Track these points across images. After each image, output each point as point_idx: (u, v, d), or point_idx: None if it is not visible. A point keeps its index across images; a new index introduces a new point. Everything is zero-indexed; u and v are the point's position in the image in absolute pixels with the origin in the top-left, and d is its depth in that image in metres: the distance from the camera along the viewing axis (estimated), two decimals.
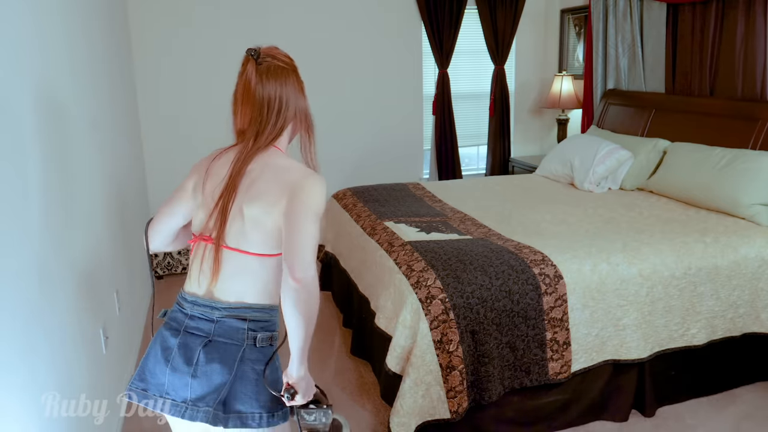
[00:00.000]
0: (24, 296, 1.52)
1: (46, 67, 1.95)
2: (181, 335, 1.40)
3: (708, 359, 2.60)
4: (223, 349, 1.37)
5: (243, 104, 1.41)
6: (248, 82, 1.39)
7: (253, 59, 1.41)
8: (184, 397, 1.37)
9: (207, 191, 1.42)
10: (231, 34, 4.48)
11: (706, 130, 3.44)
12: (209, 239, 1.38)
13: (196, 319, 1.40)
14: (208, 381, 1.35)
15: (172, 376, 1.38)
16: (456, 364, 2.18)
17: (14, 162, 1.54)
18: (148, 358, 1.43)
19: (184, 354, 1.38)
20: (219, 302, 1.38)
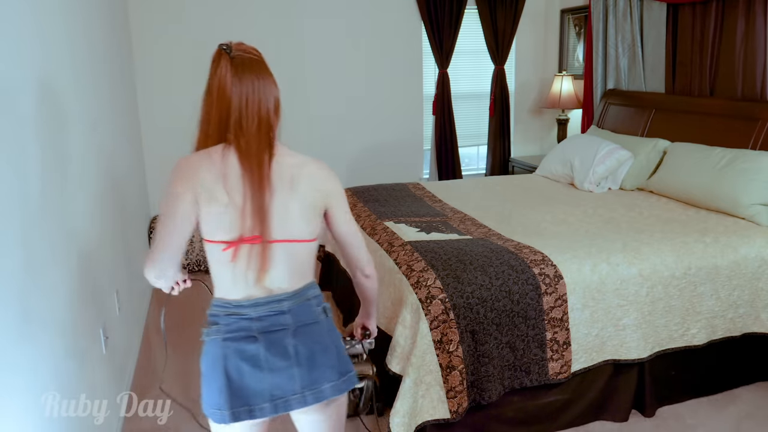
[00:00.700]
0: (24, 296, 1.52)
1: (47, 67, 1.95)
2: (260, 339, 1.40)
3: (708, 359, 2.60)
4: (309, 330, 1.44)
5: (220, 101, 1.37)
6: (224, 78, 1.36)
7: (227, 54, 1.38)
8: (293, 389, 1.41)
9: (233, 191, 1.35)
10: (231, 34, 4.47)
11: (706, 130, 3.44)
12: (256, 239, 1.35)
13: (265, 318, 1.41)
14: (312, 363, 1.43)
15: (273, 377, 1.40)
16: (456, 364, 2.18)
17: (14, 161, 1.54)
18: (228, 378, 1.39)
19: (276, 353, 1.40)
20: (283, 293, 1.42)
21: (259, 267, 1.37)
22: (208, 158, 1.38)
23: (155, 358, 3.20)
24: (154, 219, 4.40)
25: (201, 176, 1.37)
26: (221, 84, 1.36)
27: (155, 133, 4.46)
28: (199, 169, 1.38)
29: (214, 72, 1.39)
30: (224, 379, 1.39)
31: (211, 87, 1.38)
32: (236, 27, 4.48)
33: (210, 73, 1.40)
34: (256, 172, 1.35)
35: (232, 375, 1.39)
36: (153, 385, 2.90)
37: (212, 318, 1.45)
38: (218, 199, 1.35)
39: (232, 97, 1.36)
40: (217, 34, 4.43)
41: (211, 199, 1.36)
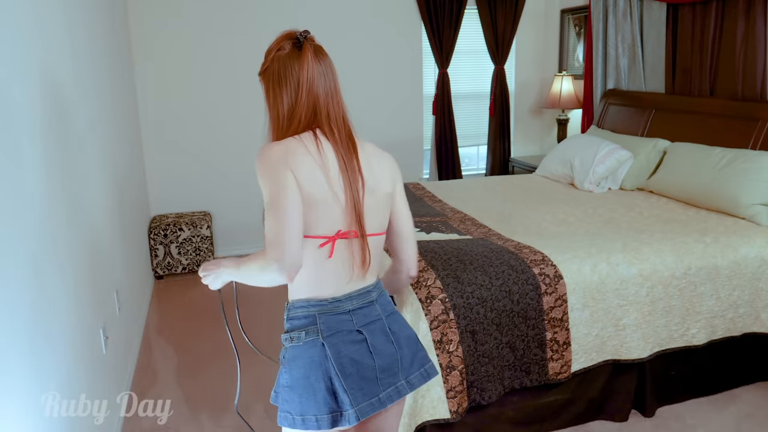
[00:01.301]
0: (24, 296, 1.52)
1: (48, 67, 1.95)
2: (363, 332, 1.39)
3: (708, 359, 2.61)
4: (396, 319, 1.48)
5: (310, 93, 1.34)
6: (312, 70, 1.33)
7: (306, 42, 1.35)
8: (403, 374, 1.42)
9: (335, 184, 1.32)
10: (230, 34, 4.48)
11: (706, 130, 3.44)
12: (353, 233, 1.35)
13: (359, 311, 1.41)
14: (410, 345, 1.46)
15: (385, 364, 1.39)
16: (456, 364, 2.18)
17: (14, 161, 1.54)
18: (343, 375, 1.34)
19: (382, 341, 1.41)
20: (369, 285, 1.44)
21: (362, 262, 1.38)
22: (303, 146, 1.32)
23: (155, 358, 3.21)
24: (154, 219, 4.41)
25: (300, 161, 1.30)
26: (311, 75, 1.33)
27: (155, 133, 4.46)
28: (297, 155, 1.30)
29: (296, 63, 1.33)
30: (338, 379, 1.33)
31: (298, 79, 1.33)
32: (235, 25, 4.48)
33: (285, 64, 1.33)
34: (353, 167, 1.35)
35: (347, 370, 1.34)
36: (153, 385, 2.91)
37: (302, 320, 1.38)
38: (319, 188, 1.30)
39: (319, 90, 1.35)
40: (216, 34, 4.45)
41: (313, 187, 1.29)
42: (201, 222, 4.29)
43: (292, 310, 1.40)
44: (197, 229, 4.26)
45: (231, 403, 2.70)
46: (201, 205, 4.65)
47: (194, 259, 4.30)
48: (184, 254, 4.26)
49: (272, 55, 1.36)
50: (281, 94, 1.34)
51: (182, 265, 4.29)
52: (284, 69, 1.33)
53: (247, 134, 4.62)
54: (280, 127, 1.36)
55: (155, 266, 4.25)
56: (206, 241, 4.30)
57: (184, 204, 4.61)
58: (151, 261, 4.23)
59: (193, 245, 4.27)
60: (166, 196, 4.57)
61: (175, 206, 4.60)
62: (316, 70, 1.34)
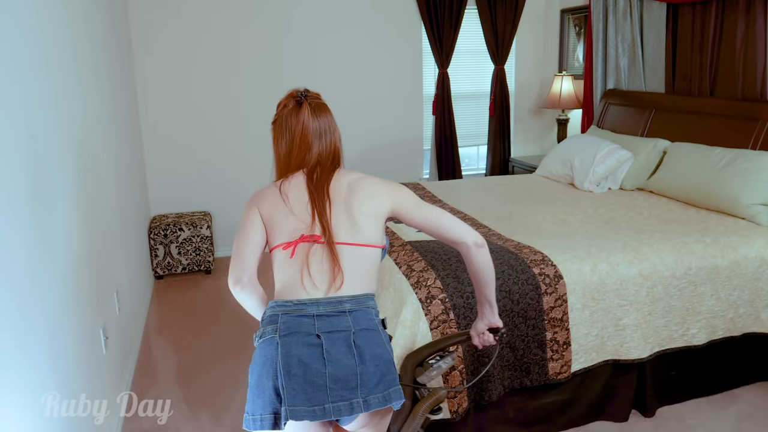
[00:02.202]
0: (24, 296, 1.52)
1: (48, 67, 1.95)
2: (322, 338, 1.39)
3: (708, 359, 2.60)
4: (369, 336, 1.44)
5: (303, 143, 1.60)
6: (307, 124, 1.59)
7: (307, 102, 1.61)
8: (359, 391, 1.37)
9: (296, 207, 1.54)
10: (230, 33, 4.48)
11: (706, 130, 3.44)
12: (315, 238, 1.49)
13: (324, 318, 1.42)
14: (379, 365, 1.41)
15: (338, 374, 1.36)
16: (456, 364, 2.18)
17: (14, 162, 1.54)
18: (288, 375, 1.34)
19: (339, 351, 1.38)
20: (344, 295, 1.47)
21: (332, 266, 1.47)
22: (274, 186, 1.61)
23: (155, 358, 3.21)
24: (154, 219, 4.41)
25: (268, 197, 1.59)
26: (305, 130, 1.59)
27: (155, 133, 4.46)
28: (268, 194, 1.60)
29: (294, 119, 1.59)
30: (281, 377, 1.34)
31: (293, 130, 1.60)
32: (235, 25, 4.48)
33: (284, 117, 1.61)
34: (321, 191, 1.55)
35: (292, 369, 1.34)
36: (153, 385, 2.91)
37: (268, 319, 1.46)
38: (280, 212, 1.55)
39: (313, 141, 1.60)
40: (216, 34, 4.45)
41: (275, 209, 1.56)
42: (201, 222, 4.29)
43: (266, 310, 1.50)
44: (197, 229, 4.26)
45: (231, 403, 2.70)
46: (201, 205, 4.65)
47: (194, 259, 4.30)
48: (184, 254, 4.26)
49: (280, 109, 1.64)
50: (282, 142, 1.62)
51: (182, 265, 4.29)
52: (286, 122, 1.61)
53: (247, 134, 4.62)
54: (280, 168, 1.64)
55: (155, 266, 4.25)
56: (206, 241, 4.30)
57: (184, 204, 4.61)
58: (151, 261, 4.23)
59: (193, 245, 4.27)
60: (166, 196, 4.57)
61: (175, 206, 4.60)
62: (312, 126, 1.60)
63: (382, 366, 1.42)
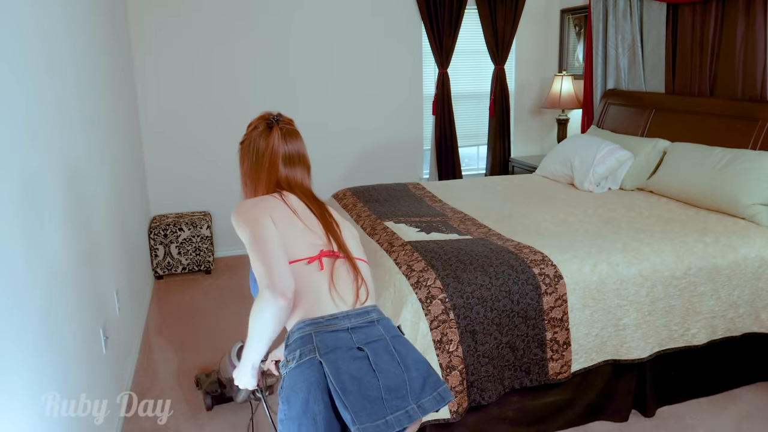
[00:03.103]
0: (24, 296, 1.52)
1: (47, 68, 1.95)
2: (365, 348, 1.35)
3: (708, 359, 2.60)
4: (402, 341, 1.44)
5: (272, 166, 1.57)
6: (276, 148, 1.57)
7: (278, 126, 1.58)
8: (411, 397, 1.34)
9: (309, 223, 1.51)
10: (231, 34, 4.48)
11: (706, 130, 3.44)
12: (335, 254, 1.48)
13: (358, 330, 1.39)
14: (419, 369, 1.40)
15: (389, 382, 1.32)
16: (456, 364, 2.18)
17: (13, 162, 1.54)
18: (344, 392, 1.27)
19: (386, 360, 1.35)
20: (367, 306, 1.47)
21: (355, 279, 1.47)
22: (272, 197, 1.53)
23: (155, 358, 3.21)
24: (154, 219, 4.41)
25: (273, 205, 1.50)
26: (274, 153, 1.56)
27: (155, 132, 4.46)
28: (270, 202, 1.51)
29: (265, 141, 1.57)
30: (338, 396, 1.27)
31: (262, 153, 1.57)
32: (235, 26, 4.48)
33: (253, 138, 1.59)
34: (325, 212, 1.55)
35: (347, 387, 1.27)
36: (153, 385, 2.91)
37: (299, 341, 1.35)
38: (294, 224, 1.48)
39: (281, 164, 1.57)
40: (215, 34, 4.45)
41: (288, 222, 1.47)
42: (201, 222, 4.29)
43: (290, 336, 1.40)
44: (197, 229, 4.26)
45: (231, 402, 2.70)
46: (201, 205, 4.65)
47: (194, 259, 4.30)
48: (184, 254, 4.26)
49: (250, 130, 1.61)
50: (248, 163, 1.60)
51: (182, 265, 4.29)
52: (255, 144, 1.59)
53: None
54: (249, 191, 1.61)
55: (155, 266, 4.25)
56: (206, 241, 4.30)
57: (184, 204, 4.61)
58: (151, 261, 4.23)
59: (193, 245, 4.27)
60: (166, 196, 4.57)
61: (175, 206, 4.60)
62: (281, 149, 1.57)
63: (422, 369, 1.40)
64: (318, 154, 4.90)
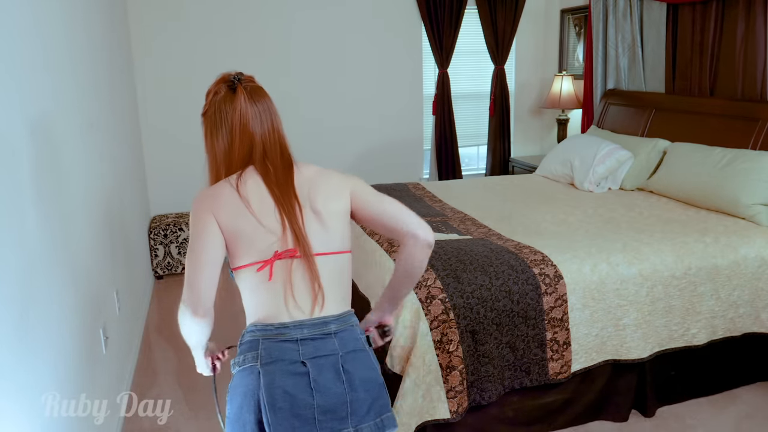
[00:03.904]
0: (24, 296, 1.52)
1: (46, 69, 1.95)
2: (308, 364, 1.27)
3: (708, 359, 2.60)
4: (357, 358, 1.33)
5: (243, 134, 1.36)
6: (245, 112, 1.35)
7: (242, 86, 1.36)
8: (345, 418, 1.27)
9: (262, 215, 1.31)
10: (230, 34, 4.48)
11: (706, 130, 3.44)
12: (291, 252, 1.29)
13: (308, 342, 1.29)
14: (369, 390, 1.32)
15: (326, 402, 1.25)
16: (456, 364, 2.18)
17: (13, 162, 1.54)
18: (272, 408, 1.23)
19: (327, 379, 1.27)
20: (328, 315, 1.32)
21: (312, 284, 1.30)
22: (228, 185, 1.34)
23: (155, 358, 3.20)
24: (154, 219, 4.41)
25: (224, 201, 1.31)
26: (243, 118, 1.35)
27: (155, 132, 4.46)
28: (223, 197, 1.32)
29: (230, 106, 1.35)
30: (265, 412, 1.23)
31: (231, 122, 1.35)
32: (236, 27, 4.48)
33: (220, 108, 1.36)
34: (288, 192, 1.32)
35: (277, 404, 1.23)
36: (153, 385, 2.90)
37: (247, 344, 1.31)
38: (245, 223, 1.30)
39: (254, 130, 1.35)
40: (215, 34, 4.45)
41: (238, 223, 1.29)
42: None
43: (243, 335, 1.35)
44: None
45: None
46: None
47: None
48: (184, 254, 4.26)
49: (210, 98, 1.38)
50: (217, 136, 1.37)
51: (182, 265, 4.29)
52: (219, 112, 1.36)
53: None
54: (217, 168, 1.40)
55: (155, 266, 4.25)
56: None
57: (184, 204, 4.61)
58: (151, 261, 4.23)
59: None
60: (166, 196, 4.56)
61: (175, 206, 4.60)
62: (250, 112, 1.35)
63: (372, 391, 1.32)
64: (318, 153, 4.91)
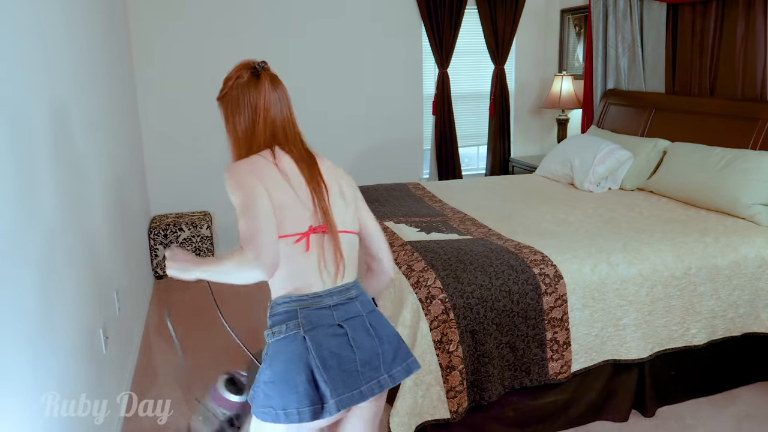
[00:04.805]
0: (24, 296, 1.52)
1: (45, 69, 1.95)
2: (344, 326, 1.44)
3: (708, 359, 2.61)
4: (377, 316, 1.53)
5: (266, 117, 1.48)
6: (269, 96, 1.48)
7: (263, 72, 1.48)
8: (383, 369, 1.46)
9: (299, 191, 1.44)
10: (230, 35, 4.48)
11: (706, 130, 3.44)
12: (323, 228, 1.44)
13: (340, 306, 1.46)
14: (392, 342, 1.51)
15: (365, 358, 1.43)
16: (456, 364, 2.18)
17: (13, 162, 1.54)
18: (324, 367, 1.38)
19: (362, 336, 1.45)
20: (349, 283, 1.50)
21: (336, 256, 1.45)
22: (266, 160, 1.44)
23: (155, 359, 3.21)
24: (154, 219, 4.41)
25: (266, 173, 1.42)
26: (267, 103, 1.47)
27: (155, 133, 4.46)
28: (263, 168, 1.43)
29: (254, 90, 1.47)
30: (318, 371, 1.37)
31: (255, 105, 1.47)
32: (236, 27, 4.48)
33: (240, 89, 1.47)
34: (316, 173, 1.47)
35: (327, 362, 1.38)
36: (153, 385, 2.90)
37: (284, 315, 1.43)
38: (286, 195, 1.42)
39: (276, 115, 1.49)
40: (216, 35, 4.45)
41: (280, 194, 1.41)
42: (201, 222, 4.29)
43: (274, 307, 1.45)
44: (197, 229, 4.26)
45: None
46: (201, 205, 4.65)
47: None
48: None
49: (231, 83, 1.49)
50: (240, 118, 1.48)
51: None
52: (243, 96, 1.47)
53: None
54: (240, 148, 1.49)
55: (155, 266, 4.25)
56: (206, 241, 4.30)
57: (184, 204, 4.61)
58: (151, 261, 4.23)
59: (193, 245, 4.27)
60: (166, 196, 4.56)
61: (175, 206, 4.60)
62: (272, 97, 1.48)
63: (394, 342, 1.51)
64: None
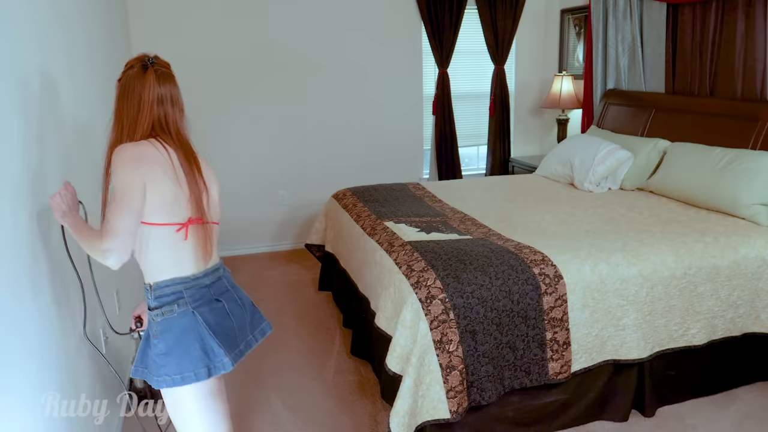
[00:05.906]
0: (23, 296, 1.52)
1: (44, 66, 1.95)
2: (221, 299, 1.69)
3: (708, 359, 2.61)
4: (237, 289, 1.80)
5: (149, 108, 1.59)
6: (153, 89, 1.58)
7: (153, 68, 1.60)
8: (250, 330, 1.78)
9: (182, 183, 1.60)
10: (230, 36, 4.48)
11: (706, 130, 3.44)
12: (199, 220, 1.63)
13: (214, 284, 1.70)
14: (251, 309, 1.81)
15: (239, 323, 1.72)
16: (456, 364, 2.18)
17: (12, 161, 1.54)
18: (214, 333, 1.62)
19: (234, 306, 1.72)
20: (216, 265, 1.74)
21: (207, 243, 1.65)
22: (155, 150, 1.57)
23: None
24: None
25: (155, 163, 1.55)
26: (151, 96, 1.58)
27: None
28: (152, 157, 1.55)
29: (139, 82, 1.58)
30: (210, 338, 1.61)
31: (140, 96, 1.58)
32: (236, 27, 4.48)
33: (131, 81, 1.59)
34: (196, 168, 1.65)
35: (216, 330, 1.63)
36: None
37: (171, 296, 1.60)
38: (171, 187, 1.56)
39: (157, 106, 1.60)
40: (215, 35, 4.45)
41: (165, 185, 1.55)
42: None
43: (157, 290, 1.61)
44: None
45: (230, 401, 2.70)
46: None
47: None
48: None
49: (126, 70, 1.62)
50: (126, 105, 1.59)
51: None
52: (131, 85, 1.59)
53: (247, 134, 4.62)
54: (122, 132, 1.60)
55: None
56: None
57: None
58: None
59: None
60: None
61: None
62: (156, 92, 1.59)
63: (253, 311, 1.82)
64: (318, 153, 4.91)
